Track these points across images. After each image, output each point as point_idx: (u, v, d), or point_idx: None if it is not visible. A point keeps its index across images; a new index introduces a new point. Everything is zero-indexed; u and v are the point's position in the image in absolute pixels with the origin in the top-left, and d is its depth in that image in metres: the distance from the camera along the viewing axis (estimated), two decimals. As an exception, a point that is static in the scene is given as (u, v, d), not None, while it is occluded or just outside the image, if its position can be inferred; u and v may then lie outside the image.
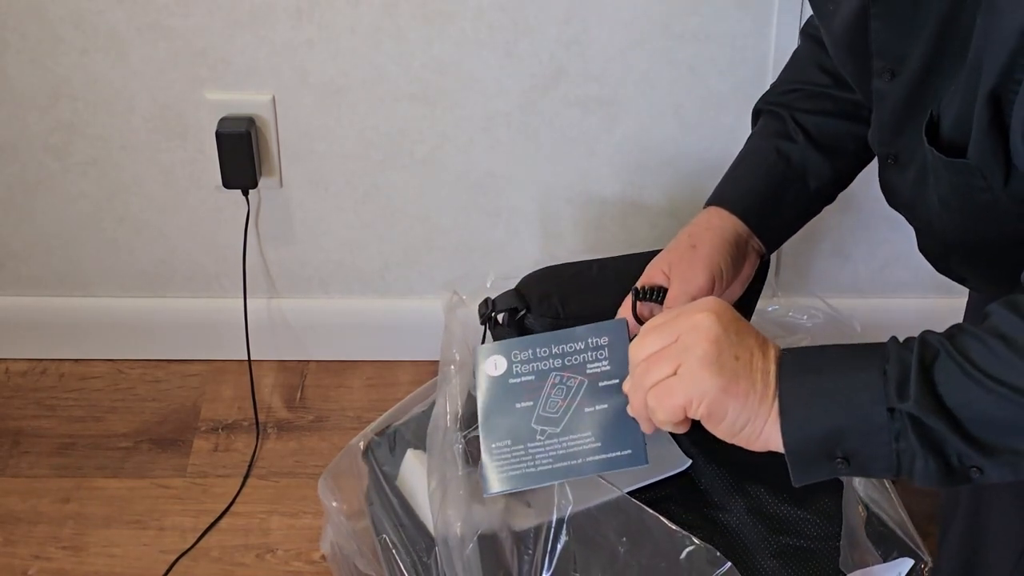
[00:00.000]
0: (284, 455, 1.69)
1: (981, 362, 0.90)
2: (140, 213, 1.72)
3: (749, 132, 1.39)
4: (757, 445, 1.00)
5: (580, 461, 1.10)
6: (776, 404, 0.97)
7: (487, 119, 1.65)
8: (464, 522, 1.23)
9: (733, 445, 1.36)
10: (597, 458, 1.09)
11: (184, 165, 1.68)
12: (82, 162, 1.68)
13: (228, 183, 1.66)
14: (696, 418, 1.01)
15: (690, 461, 1.42)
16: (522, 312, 1.29)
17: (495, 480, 1.12)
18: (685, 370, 0.98)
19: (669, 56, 1.60)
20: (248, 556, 1.56)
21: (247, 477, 1.66)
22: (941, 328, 0.96)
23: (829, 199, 1.34)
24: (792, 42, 1.56)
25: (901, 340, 0.95)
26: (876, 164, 1.22)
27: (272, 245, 1.75)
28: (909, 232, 1.22)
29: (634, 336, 1.28)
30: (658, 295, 1.25)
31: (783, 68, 1.40)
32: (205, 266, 1.77)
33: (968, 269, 1.23)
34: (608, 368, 1.07)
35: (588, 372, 1.09)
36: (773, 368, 0.97)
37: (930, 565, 1.26)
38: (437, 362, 1.80)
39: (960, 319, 1.31)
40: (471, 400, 1.27)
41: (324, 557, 1.52)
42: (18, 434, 1.72)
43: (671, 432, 1.12)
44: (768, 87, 1.41)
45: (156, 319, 1.80)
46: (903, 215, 1.23)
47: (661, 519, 1.22)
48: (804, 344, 1.45)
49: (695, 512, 1.34)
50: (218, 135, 1.62)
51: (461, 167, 1.68)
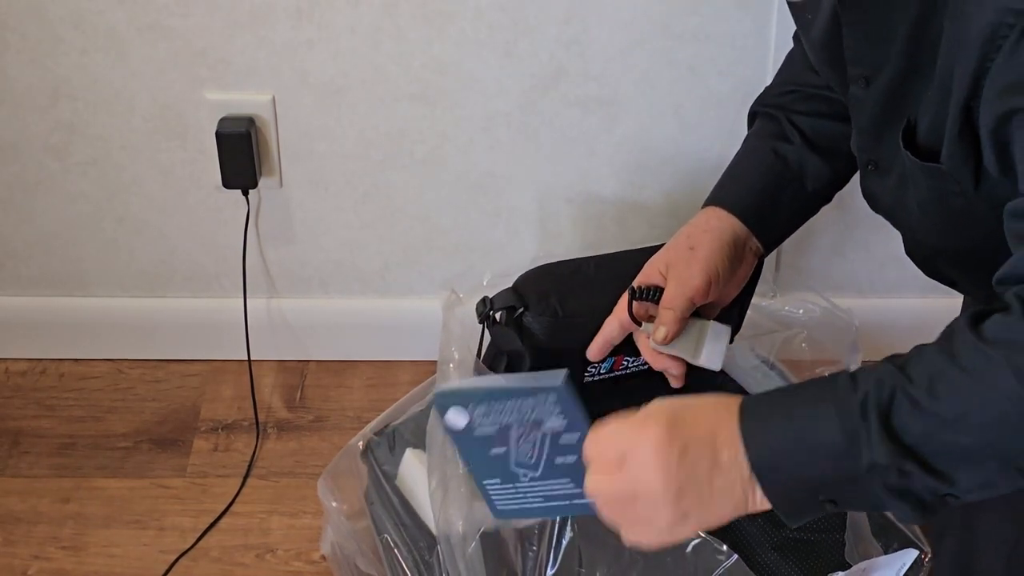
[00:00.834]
0: (284, 455, 1.69)
1: (940, 395, 0.89)
2: (140, 213, 1.72)
3: (747, 133, 1.39)
4: (752, 511, 0.98)
5: (568, 503, 1.08)
6: (754, 479, 0.95)
7: (487, 119, 1.65)
8: (466, 520, 1.23)
9: None
10: (582, 502, 1.06)
11: (184, 165, 1.68)
12: (82, 162, 1.68)
13: (228, 183, 1.66)
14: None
15: None
16: (520, 310, 1.29)
17: (498, 508, 1.12)
18: (648, 518, 0.99)
19: (669, 56, 1.60)
20: (248, 556, 1.56)
21: (247, 477, 1.66)
22: (939, 327, 0.95)
23: (826, 199, 1.35)
24: (791, 42, 1.56)
25: (857, 375, 0.93)
26: None
27: (272, 245, 1.75)
28: (906, 233, 1.22)
29: (628, 332, 1.28)
30: (654, 295, 1.26)
31: (777, 70, 1.40)
32: (205, 266, 1.77)
33: (955, 272, 1.23)
34: (564, 423, 1.05)
35: (545, 428, 1.06)
36: (740, 450, 0.95)
37: (930, 555, 1.26)
38: (437, 362, 1.81)
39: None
40: None
41: (324, 558, 1.52)
42: (18, 434, 1.72)
43: None
44: (766, 85, 1.42)
45: (156, 319, 1.80)
46: (887, 220, 1.24)
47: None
48: (800, 338, 1.46)
49: None
50: (218, 135, 1.62)
51: (461, 167, 1.69)
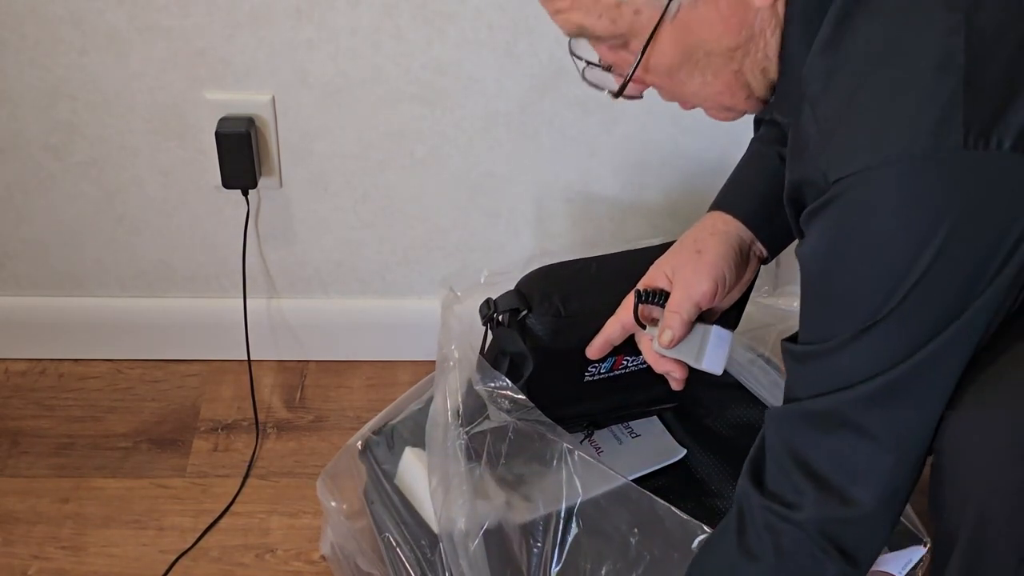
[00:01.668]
0: (284, 455, 1.69)
1: None
2: (139, 213, 1.72)
3: (748, 132, 1.39)
4: None
5: None
6: None
7: (487, 119, 1.65)
8: (468, 518, 1.23)
9: (728, 435, 1.38)
10: None
11: (184, 165, 1.68)
12: (81, 162, 1.68)
13: (228, 183, 1.66)
14: None
15: (685, 451, 1.43)
16: (524, 312, 1.29)
17: None
18: None
19: (669, 56, 1.60)
20: (248, 556, 1.56)
21: (247, 477, 1.66)
22: None
23: None
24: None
25: None
26: None
27: (272, 245, 1.75)
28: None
29: (630, 334, 1.29)
30: (660, 298, 1.26)
31: None
32: (205, 266, 1.77)
33: None
34: None
35: None
36: None
37: (930, 545, 1.27)
38: (436, 360, 1.81)
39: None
40: (471, 395, 1.28)
41: (324, 558, 1.52)
42: (17, 434, 1.72)
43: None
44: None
45: (155, 319, 1.80)
46: None
47: (672, 508, 1.23)
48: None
49: (692, 500, 1.35)
50: (218, 135, 1.62)
51: (461, 167, 1.68)
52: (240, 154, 1.63)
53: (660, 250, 1.32)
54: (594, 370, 1.36)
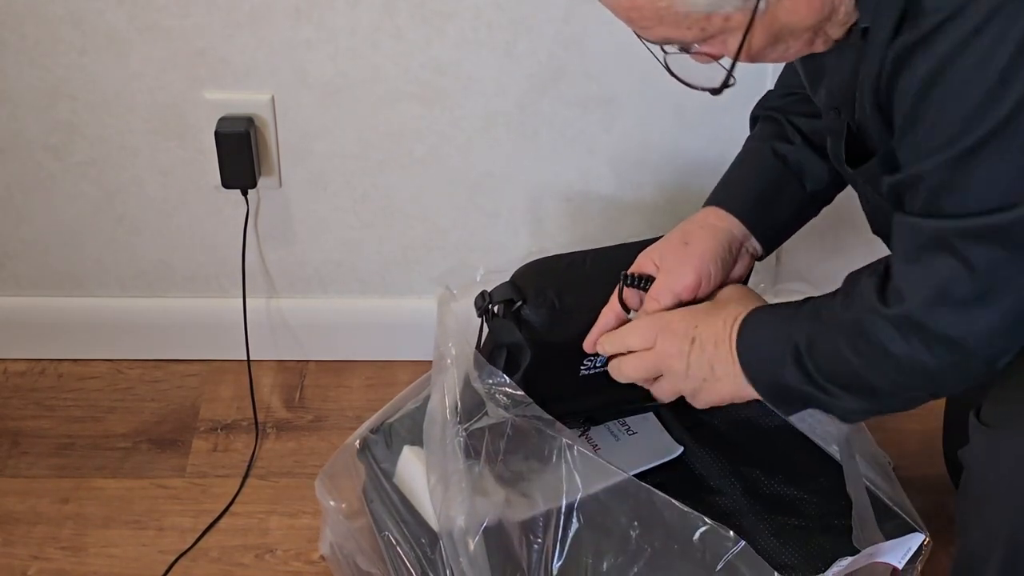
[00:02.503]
0: (283, 455, 1.69)
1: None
2: (139, 213, 1.72)
3: (747, 131, 1.39)
4: (739, 399, 1.22)
5: None
6: (739, 367, 1.19)
7: (486, 119, 1.65)
8: (467, 516, 1.23)
9: (725, 431, 1.39)
10: None
11: (183, 165, 1.68)
12: (81, 162, 1.68)
13: (227, 183, 1.66)
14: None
15: (682, 448, 1.43)
16: (519, 304, 1.30)
17: None
18: (664, 380, 1.25)
19: (668, 56, 1.60)
20: (247, 556, 1.56)
21: (246, 477, 1.66)
22: None
23: (826, 201, 1.35)
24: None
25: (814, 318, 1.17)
26: None
27: (271, 245, 1.75)
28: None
29: (623, 322, 1.30)
30: (644, 284, 1.27)
31: (778, 76, 1.40)
32: (204, 266, 1.77)
33: None
34: None
35: None
36: (733, 348, 1.19)
37: (930, 542, 1.27)
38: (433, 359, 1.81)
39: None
40: (469, 391, 1.28)
41: (323, 558, 1.52)
42: (17, 434, 1.72)
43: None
44: (767, 88, 1.43)
45: (155, 319, 1.80)
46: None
47: (672, 501, 1.23)
48: None
49: (691, 497, 1.35)
50: (217, 135, 1.62)
51: (460, 167, 1.68)
52: (240, 154, 1.63)
53: (652, 243, 1.33)
54: (589, 364, 1.36)
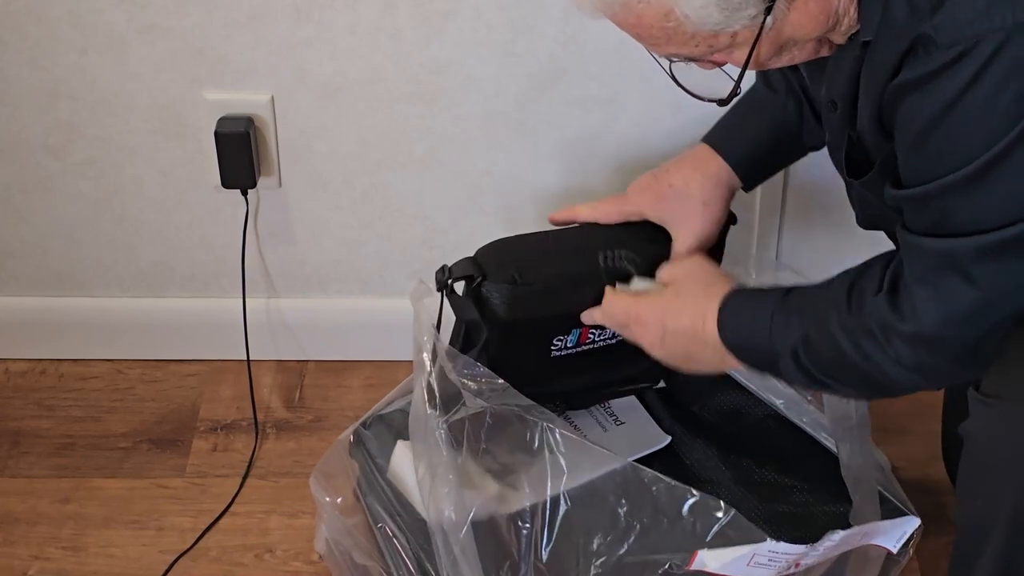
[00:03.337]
0: (283, 455, 1.69)
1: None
2: (139, 213, 1.72)
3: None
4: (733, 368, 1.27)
5: None
6: (729, 354, 1.23)
7: (486, 118, 1.65)
8: (455, 506, 1.23)
9: (714, 421, 1.41)
10: None
11: (183, 165, 1.68)
12: (81, 162, 1.68)
13: (227, 183, 1.66)
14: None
15: (669, 438, 1.43)
16: (478, 280, 1.30)
17: None
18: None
19: (668, 55, 1.60)
20: (247, 556, 1.56)
21: (246, 477, 1.66)
22: None
23: (814, 148, 1.39)
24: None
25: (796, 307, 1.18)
26: None
27: (271, 245, 1.75)
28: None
29: (599, 286, 1.34)
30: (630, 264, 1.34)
31: None
32: (204, 266, 1.77)
33: None
34: None
35: None
36: (716, 340, 1.23)
37: (921, 527, 1.27)
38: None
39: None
40: (447, 383, 1.28)
41: (320, 557, 1.52)
42: (17, 434, 1.72)
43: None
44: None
45: (155, 319, 1.80)
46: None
47: (660, 476, 1.23)
48: None
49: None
50: (217, 135, 1.62)
51: (460, 166, 1.68)
52: (239, 154, 1.63)
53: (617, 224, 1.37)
54: (560, 344, 1.36)
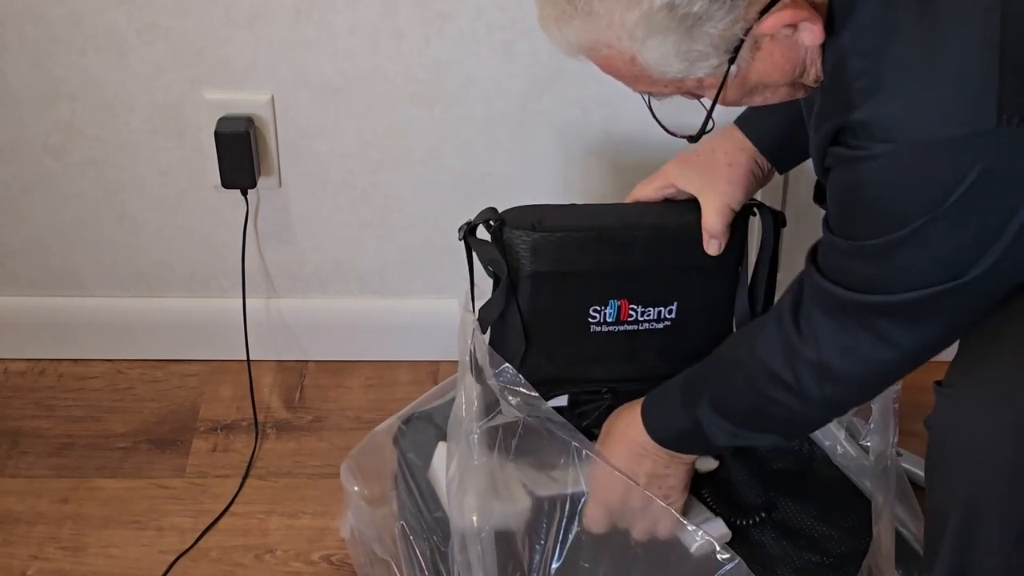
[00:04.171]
0: (283, 455, 1.69)
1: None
2: (139, 213, 1.72)
3: None
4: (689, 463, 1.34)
5: None
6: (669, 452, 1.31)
7: (486, 119, 1.65)
8: (479, 512, 1.24)
9: (764, 454, 1.46)
10: None
11: (183, 165, 1.68)
12: (81, 162, 1.68)
13: (227, 183, 1.66)
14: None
15: (717, 463, 1.42)
16: (499, 223, 1.33)
17: None
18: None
19: (668, 55, 1.60)
20: (247, 556, 1.56)
21: (246, 477, 1.66)
22: None
23: None
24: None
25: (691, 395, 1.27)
26: None
27: (271, 245, 1.75)
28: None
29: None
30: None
31: None
32: (204, 266, 1.77)
33: None
34: None
35: None
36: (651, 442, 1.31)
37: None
38: (436, 362, 1.82)
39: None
40: (487, 390, 1.28)
41: (344, 541, 1.52)
42: (17, 434, 1.72)
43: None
44: None
45: (155, 319, 1.80)
46: None
47: (671, 511, 1.23)
48: None
49: (722, 517, 1.35)
50: (217, 135, 1.62)
51: (460, 167, 1.68)
52: (239, 154, 1.63)
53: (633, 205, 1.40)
54: (598, 316, 1.36)
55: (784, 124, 1.36)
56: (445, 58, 1.60)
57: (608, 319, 1.36)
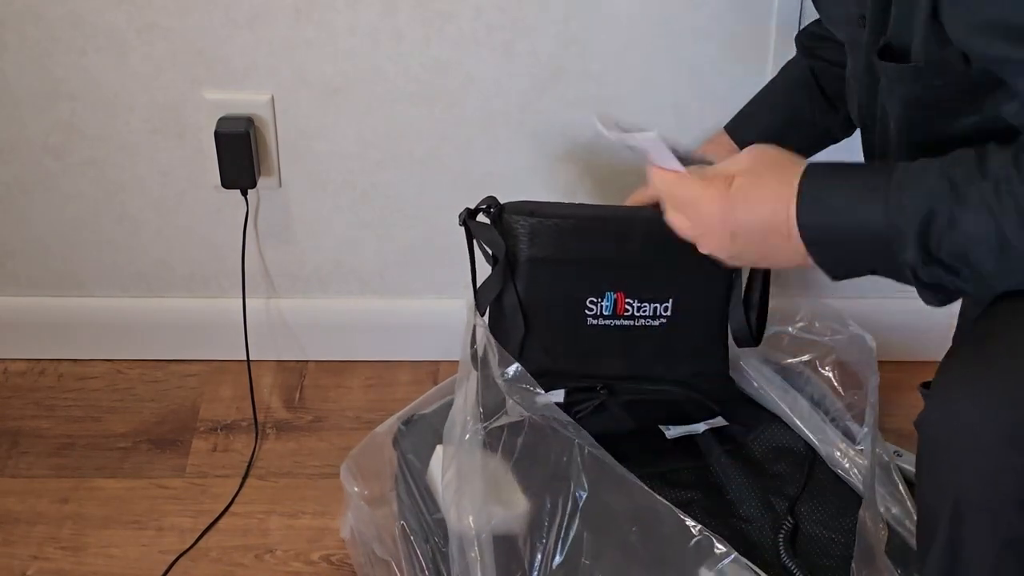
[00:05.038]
0: (283, 455, 1.69)
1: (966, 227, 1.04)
2: (139, 213, 1.72)
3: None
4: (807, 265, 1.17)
5: None
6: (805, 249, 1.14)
7: (486, 119, 1.65)
8: (478, 512, 1.24)
9: (762, 457, 1.40)
10: None
11: (183, 165, 1.68)
12: (80, 162, 1.68)
13: (227, 183, 1.66)
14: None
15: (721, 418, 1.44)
16: (499, 209, 1.35)
17: None
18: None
19: (668, 55, 1.60)
20: (247, 556, 1.56)
21: (246, 477, 1.66)
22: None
23: (834, 140, 1.44)
24: (791, 42, 1.57)
25: (910, 176, 1.07)
26: None
27: (271, 245, 1.75)
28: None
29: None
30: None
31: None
32: (204, 266, 1.77)
33: None
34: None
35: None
36: (795, 226, 1.12)
37: None
38: (436, 362, 1.82)
39: (955, 321, 1.34)
40: (491, 391, 1.28)
41: (344, 542, 1.52)
42: (17, 434, 1.72)
43: None
44: (767, 81, 1.46)
45: (155, 319, 1.80)
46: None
47: (673, 508, 1.23)
48: (830, 359, 1.52)
49: (721, 521, 1.35)
50: (217, 135, 1.62)
51: (460, 167, 1.68)
52: (239, 154, 1.63)
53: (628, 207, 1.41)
54: (595, 308, 1.37)
55: (770, 131, 1.37)
56: (445, 58, 1.60)
57: (605, 311, 1.37)
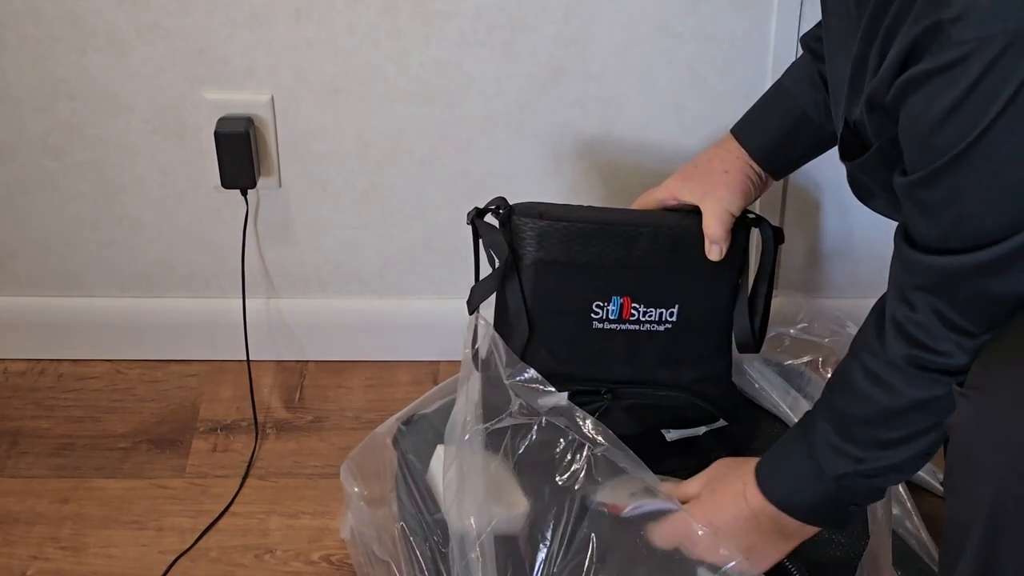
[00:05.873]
0: (283, 455, 1.69)
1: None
2: (138, 213, 1.72)
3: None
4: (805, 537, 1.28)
5: None
6: (787, 517, 1.24)
7: (486, 119, 1.65)
8: (479, 512, 1.24)
9: None
10: None
11: (182, 165, 1.68)
12: (80, 162, 1.68)
13: (227, 183, 1.66)
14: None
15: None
16: (508, 210, 1.37)
17: None
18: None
19: (668, 56, 1.60)
20: (247, 557, 1.56)
21: (246, 477, 1.66)
22: None
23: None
24: (791, 42, 1.57)
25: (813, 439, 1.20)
26: None
27: (271, 245, 1.75)
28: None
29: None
30: None
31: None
32: (204, 266, 1.77)
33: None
34: None
35: None
36: (768, 506, 1.24)
37: None
38: (436, 362, 1.82)
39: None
40: (494, 392, 1.28)
41: (344, 542, 1.52)
42: (16, 434, 1.72)
43: None
44: (767, 87, 1.45)
45: (155, 319, 1.80)
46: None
47: (683, 510, 1.23)
48: (830, 360, 1.56)
49: None
50: (217, 135, 1.62)
51: (460, 167, 1.68)
52: (239, 154, 1.63)
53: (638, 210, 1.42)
54: (601, 312, 1.37)
55: (779, 133, 1.38)
56: (445, 58, 1.60)
57: (611, 315, 1.38)
